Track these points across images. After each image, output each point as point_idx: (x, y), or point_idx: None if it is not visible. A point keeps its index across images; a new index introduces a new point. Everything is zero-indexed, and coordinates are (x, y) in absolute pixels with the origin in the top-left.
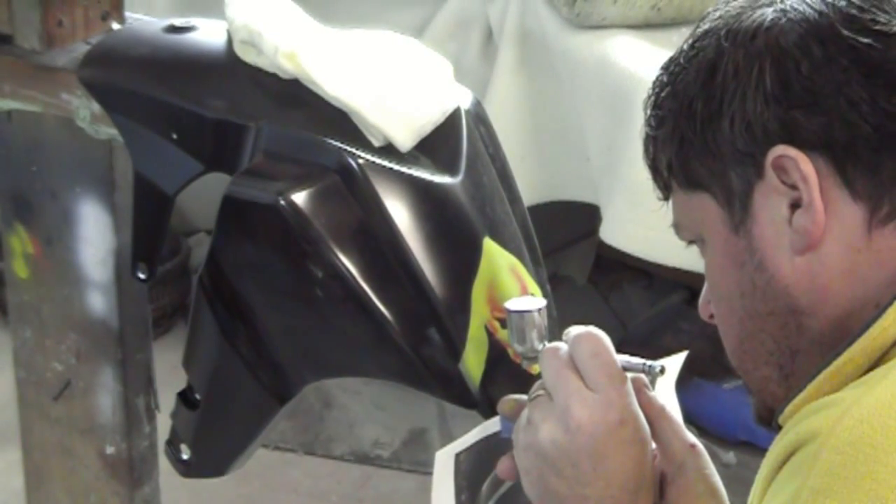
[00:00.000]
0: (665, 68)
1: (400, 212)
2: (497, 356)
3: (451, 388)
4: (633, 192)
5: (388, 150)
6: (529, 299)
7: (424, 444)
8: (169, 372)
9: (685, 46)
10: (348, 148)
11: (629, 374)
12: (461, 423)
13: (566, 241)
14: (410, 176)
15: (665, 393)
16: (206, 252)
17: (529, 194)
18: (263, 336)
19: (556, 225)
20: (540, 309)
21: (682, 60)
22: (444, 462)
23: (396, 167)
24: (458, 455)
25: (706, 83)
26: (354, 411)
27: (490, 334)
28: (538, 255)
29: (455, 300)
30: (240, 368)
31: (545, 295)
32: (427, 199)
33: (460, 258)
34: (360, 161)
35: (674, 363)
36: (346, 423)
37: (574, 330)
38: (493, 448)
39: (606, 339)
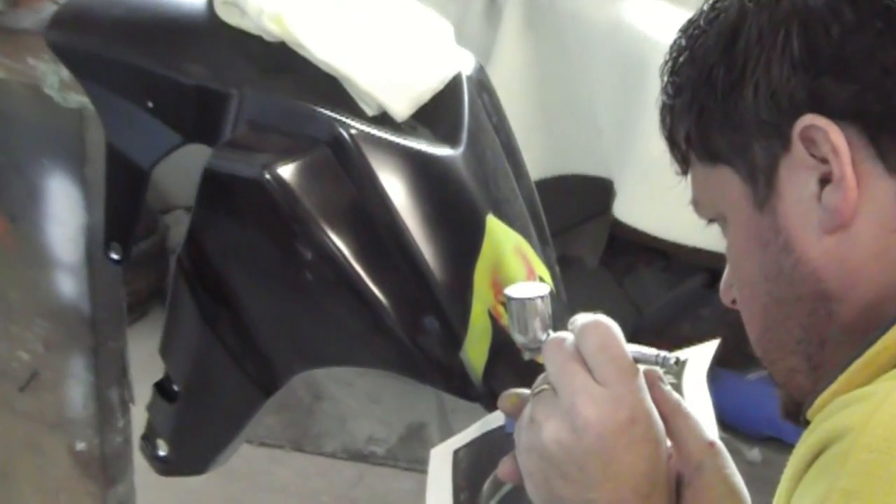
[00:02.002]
0: (683, 31)
1: (396, 187)
2: (501, 344)
3: (451, 379)
4: (649, 165)
5: (383, 119)
6: (532, 285)
7: (423, 441)
8: (145, 361)
9: (705, 7)
10: (339, 117)
11: (641, 367)
12: (462, 417)
13: (576, 219)
14: (407, 148)
15: (694, 386)
16: (185, 231)
17: (536, 168)
18: (248, 322)
19: (566, 202)
20: (543, 296)
21: (701, 23)
22: (440, 459)
23: (392, 138)
24: (456, 452)
25: (727, 48)
26: (347, 404)
27: (494, 321)
28: (546, 234)
29: (456, 284)
30: (222, 357)
31: (553, 277)
32: (425, 174)
33: (461, 238)
34: (353, 132)
35: (703, 354)
36: (337, 418)
37: (580, 318)
38: (496, 444)
39: (616, 329)
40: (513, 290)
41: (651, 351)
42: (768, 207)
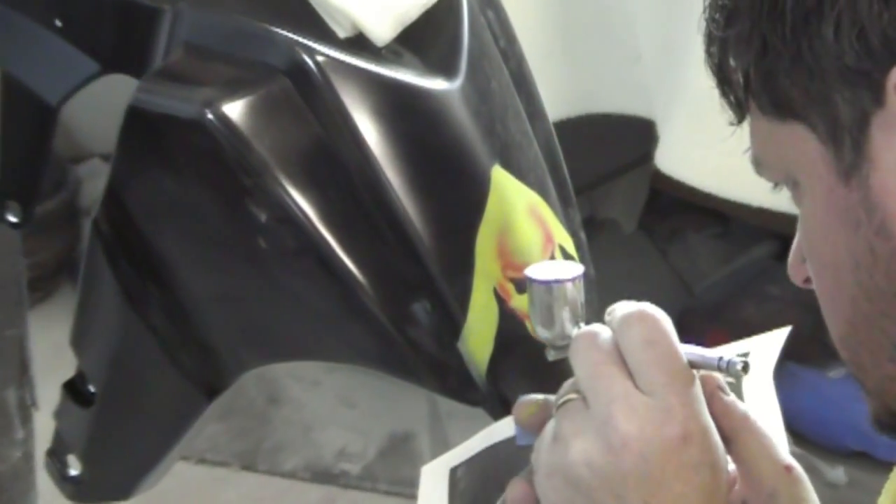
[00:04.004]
0: None
1: (375, 130)
2: (511, 332)
3: (446, 376)
4: (701, 102)
5: (359, 43)
6: (559, 264)
7: (409, 456)
8: (51, 354)
9: None
10: (302, 40)
11: (698, 372)
12: (460, 425)
13: (608, 170)
14: (390, 80)
15: (757, 388)
16: (102, 186)
17: (556, 106)
18: (185, 303)
19: (594, 148)
20: (575, 278)
21: None
22: (433, 479)
23: (370, 67)
24: (453, 470)
25: None
26: (312, 410)
27: (501, 302)
28: (568, 189)
29: (452, 253)
30: (151, 349)
31: (578, 246)
32: (413, 112)
33: (459, 194)
34: (320, 59)
35: (769, 345)
36: (300, 427)
37: (620, 308)
38: (503, 461)
39: (666, 322)
40: (535, 271)
41: (711, 353)
42: (857, 178)
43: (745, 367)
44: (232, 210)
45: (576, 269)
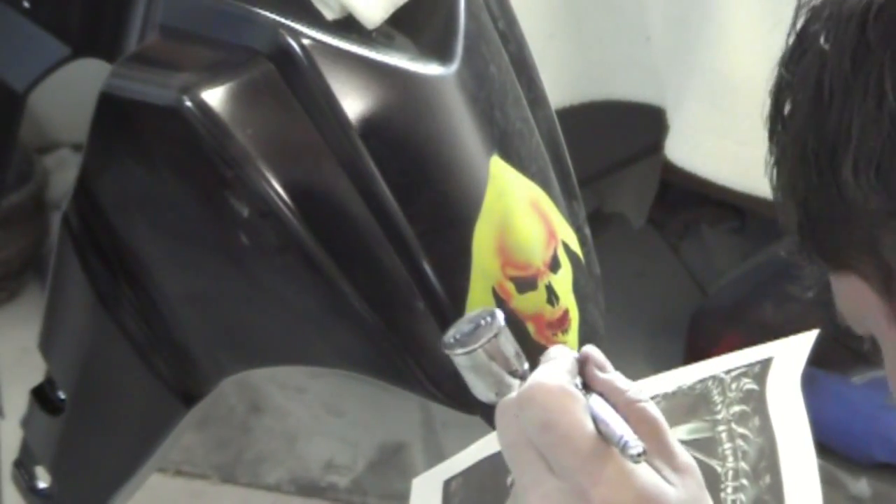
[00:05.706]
0: (783, 65)
1: (364, 117)
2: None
3: (440, 383)
4: (716, 87)
5: (348, 25)
6: (476, 316)
7: (401, 467)
8: (17, 357)
9: (791, 37)
10: (287, 22)
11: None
12: (455, 434)
13: (615, 161)
14: (381, 64)
15: (782, 398)
16: (73, 178)
17: (560, 92)
18: (161, 304)
19: (601, 138)
20: (495, 336)
21: (791, 60)
22: (426, 492)
23: (360, 51)
24: (447, 483)
25: (815, 107)
26: (296, 418)
27: (501, 302)
28: (572, 182)
29: (447, 250)
30: (125, 353)
31: (582, 242)
32: (405, 100)
33: (455, 187)
34: (306, 42)
35: (793, 350)
36: (283, 437)
37: (526, 384)
38: (500, 473)
39: (563, 396)
40: (455, 334)
41: (616, 425)
42: None
43: (639, 456)
44: (211, 203)
45: (494, 317)
